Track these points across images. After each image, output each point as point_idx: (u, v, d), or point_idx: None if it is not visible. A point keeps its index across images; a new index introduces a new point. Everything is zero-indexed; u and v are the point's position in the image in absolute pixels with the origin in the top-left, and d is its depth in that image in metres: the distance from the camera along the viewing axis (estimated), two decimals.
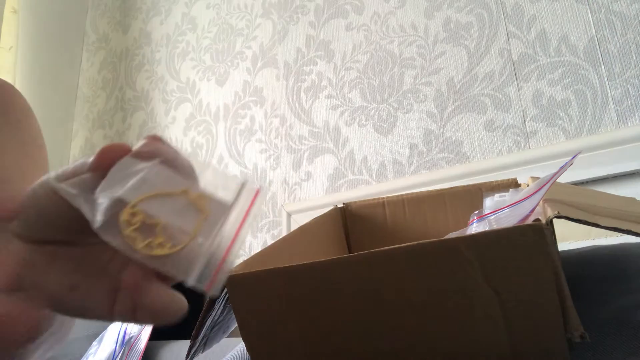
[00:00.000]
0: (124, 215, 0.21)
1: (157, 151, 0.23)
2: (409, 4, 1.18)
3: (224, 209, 0.23)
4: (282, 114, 1.34)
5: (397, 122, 1.15)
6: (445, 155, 1.08)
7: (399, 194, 0.68)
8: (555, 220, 0.34)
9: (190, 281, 0.21)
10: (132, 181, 0.21)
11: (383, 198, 0.68)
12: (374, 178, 1.16)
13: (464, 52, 1.09)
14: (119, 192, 0.21)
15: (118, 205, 0.21)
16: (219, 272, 0.21)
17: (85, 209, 0.21)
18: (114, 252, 0.24)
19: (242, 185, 0.24)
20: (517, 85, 1.02)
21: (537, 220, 0.35)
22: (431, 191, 0.66)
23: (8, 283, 0.23)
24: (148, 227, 0.21)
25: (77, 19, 1.84)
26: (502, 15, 1.06)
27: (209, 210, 0.22)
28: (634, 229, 0.35)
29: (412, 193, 0.67)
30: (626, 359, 0.36)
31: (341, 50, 1.27)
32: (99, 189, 0.21)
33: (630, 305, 0.40)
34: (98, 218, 0.21)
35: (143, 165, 0.22)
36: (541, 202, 0.41)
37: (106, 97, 1.75)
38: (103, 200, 0.21)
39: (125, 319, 0.24)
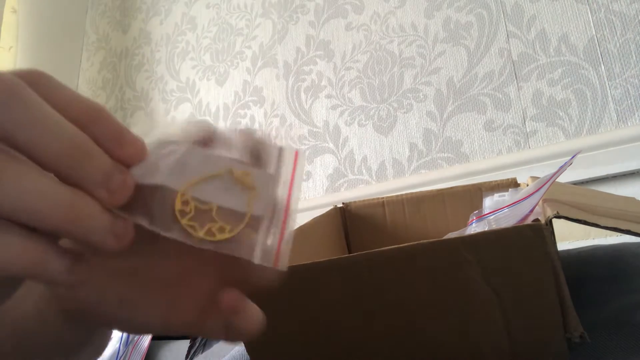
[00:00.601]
0: (178, 205, 0.20)
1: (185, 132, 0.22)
2: (409, 3, 1.18)
3: (271, 179, 0.22)
4: (282, 113, 1.34)
5: (397, 121, 1.15)
6: (445, 155, 1.08)
7: (399, 193, 0.68)
8: (555, 220, 0.34)
9: (257, 259, 0.21)
10: (171, 168, 0.21)
11: (383, 198, 0.68)
12: (374, 178, 1.16)
13: (464, 52, 1.09)
14: (162, 181, 0.20)
15: (167, 196, 0.20)
16: (282, 244, 0.21)
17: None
18: (167, 260, 0.23)
19: (280, 151, 0.23)
20: (517, 85, 1.02)
21: (537, 220, 0.35)
22: (431, 191, 0.66)
23: None
24: (202, 213, 0.21)
25: (76, 18, 1.84)
26: (502, 15, 1.06)
27: (257, 185, 0.22)
28: (633, 229, 0.35)
29: (412, 193, 0.67)
30: (626, 359, 0.36)
31: (341, 50, 1.27)
32: None
33: (630, 305, 0.40)
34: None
35: (170, 148, 0.21)
36: (541, 202, 0.41)
37: (106, 97, 1.75)
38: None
39: (208, 335, 0.23)
